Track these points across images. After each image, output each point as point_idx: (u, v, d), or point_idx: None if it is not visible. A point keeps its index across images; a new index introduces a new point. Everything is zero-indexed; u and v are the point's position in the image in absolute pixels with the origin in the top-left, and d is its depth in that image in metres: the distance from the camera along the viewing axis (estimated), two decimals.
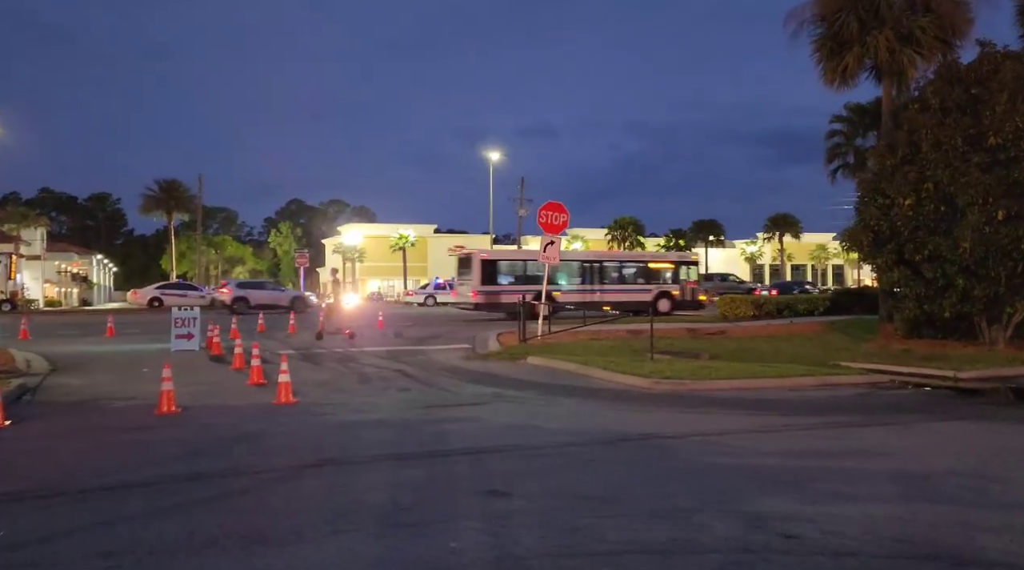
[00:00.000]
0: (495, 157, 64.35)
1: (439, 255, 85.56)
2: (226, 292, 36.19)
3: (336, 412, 9.22)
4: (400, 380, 12.17)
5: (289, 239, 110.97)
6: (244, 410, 9.49)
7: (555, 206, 19.20)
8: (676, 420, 8.43)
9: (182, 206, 60.62)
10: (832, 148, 27.89)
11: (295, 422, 8.56)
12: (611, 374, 12.03)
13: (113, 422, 8.79)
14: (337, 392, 10.92)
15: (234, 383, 11.97)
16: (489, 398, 10.25)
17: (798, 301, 25.64)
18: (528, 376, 12.57)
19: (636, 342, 18.79)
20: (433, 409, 9.37)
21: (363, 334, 21.84)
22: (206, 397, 10.53)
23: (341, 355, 16.32)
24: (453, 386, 11.49)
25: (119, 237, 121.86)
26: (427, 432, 7.83)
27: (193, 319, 17.13)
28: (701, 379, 11.15)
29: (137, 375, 13.12)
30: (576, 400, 10.04)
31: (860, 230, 15.70)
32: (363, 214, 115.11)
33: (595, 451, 6.77)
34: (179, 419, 8.87)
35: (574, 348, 16.79)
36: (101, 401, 10.30)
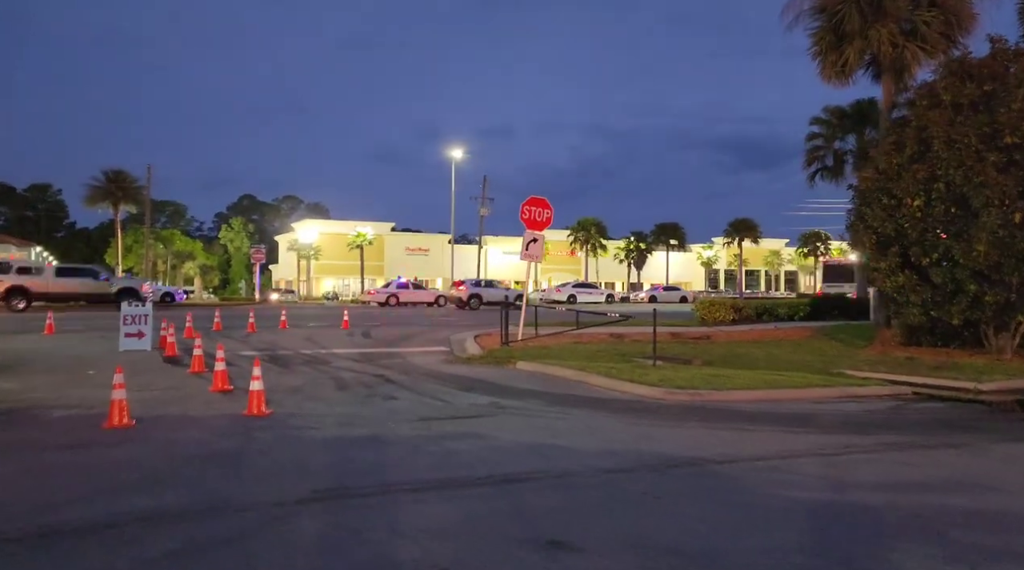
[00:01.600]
0: (458, 155, 63.21)
1: (396, 254, 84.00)
2: (463, 289, 40.83)
3: (318, 426, 7.98)
4: (382, 386, 10.95)
5: (241, 235, 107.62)
6: (210, 423, 8.17)
7: (539, 201, 18.18)
8: (712, 439, 7.43)
9: (129, 197, 57.77)
10: (811, 151, 27.53)
11: (273, 439, 7.31)
12: (614, 381, 11.03)
13: (53, 437, 7.39)
14: (314, 401, 9.66)
15: (195, 389, 10.59)
16: (489, 409, 9.13)
17: (777, 306, 25.11)
18: (522, 383, 11.48)
19: (622, 346, 17.91)
20: (430, 422, 8.21)
21: (329, 335, 20.45)
22: (163, 406, 9.16)
23: (310, 357, 14.98)
24: (444, 394, 10.32)
25: (60, 229, 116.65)
26: (433, 452, 6.67)
27: (144, 316, 15.57)
28: (717, 389, 10.22)
29: (81, 378, 11.61)
30: (586, 412, 8.99)
31: (862, 232, 15.02)
32: (317, 211, 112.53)
33: (645, 480, 5.71)
34: (133, 434, 7.53)
35: (560, 352, 15.77)
36: (38, 410, 8.85)
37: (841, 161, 27.10)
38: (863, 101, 26.25)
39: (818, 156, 27.66)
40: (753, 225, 71.56)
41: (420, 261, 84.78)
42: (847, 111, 26.19)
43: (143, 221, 75.49)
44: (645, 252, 75.14)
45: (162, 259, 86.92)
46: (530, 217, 18.01)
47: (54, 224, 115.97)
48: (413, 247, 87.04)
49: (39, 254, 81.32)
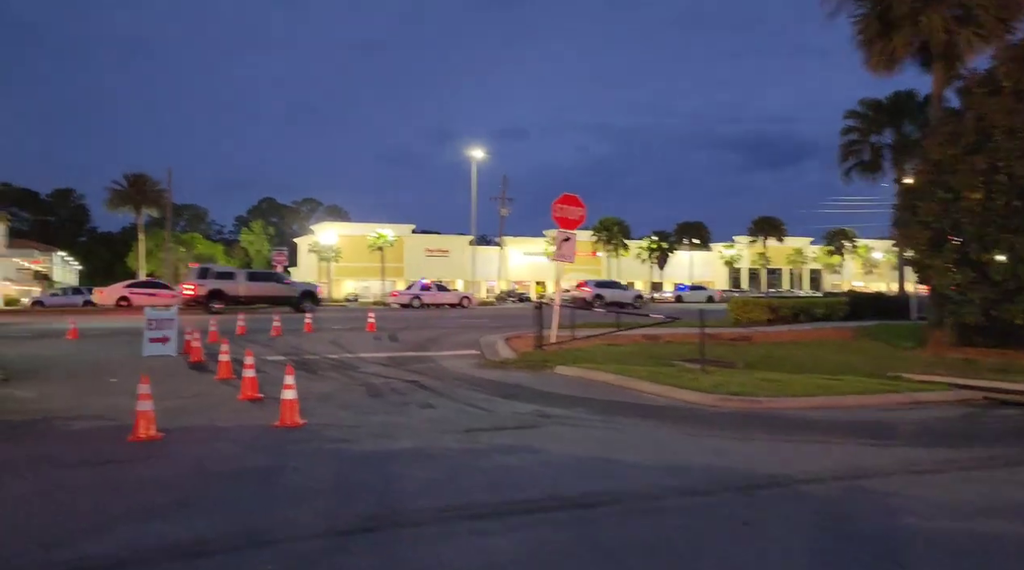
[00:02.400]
0: (479, 155, 62.73)
1: (416, 255, 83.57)
2: (587, 290, 41.17)
3: (355, 438, 7.43)
4: (417, 393, 10.40)
5: (261, 238, 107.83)
6: (241, 435, 7.65)
7: (571, 199, 17.54)
8: (786, 453, 6.79)
9: (150, 201, 57.87)
10: (846, 145, 26.64)
11: (309, 453, 6.76)
12: (662, 387, 10.40)
13: (74, 452, 6.90)
14: (347, 409, 9.12)
15: (222, 397, 10.09)
16: (535, 419, 8.54)
17: (814, 306, 24.31)
18: (564, 389, 10.88)
19: (657, 348, 17.26)
20: (475, 434, 7.63)
21: (355, 338, 19.97)
22: (190, 416, 8.66)
23: (337, 362, 14.47)
24: (483, 401, 9.75)
25: (83, 234, 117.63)
26: (484, 469, 6.09)
27: (169, 320, 15.15)
28: (774, 395, 9.55)
29: (103, 386, 11.17)
30: (639, 421, 8.37)
31: (915, 228, 14.25)
32: (336, 213, 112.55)
33: (729, 504, 5.09)
34: (160, 448, 7.03)
35: (594, 355, 15.15)
36: (59, 421, 8.39)
37: (878, 156, 26.19)
38: (901, 93, 25.39)
39: (854, 151, 26.78)
40: (778, 223, 70.36)
41: (440, 262, 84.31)
42: (884, 104, 25.31)
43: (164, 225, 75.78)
44: (667, 251, 74.15)
45: (183, 262, 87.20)
46: (562, 216, 17.39)
47: (77, 229, 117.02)
48: (433, 248, 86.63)
49: (62, 259, 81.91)
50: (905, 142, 25.74)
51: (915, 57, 16.73)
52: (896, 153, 25.81)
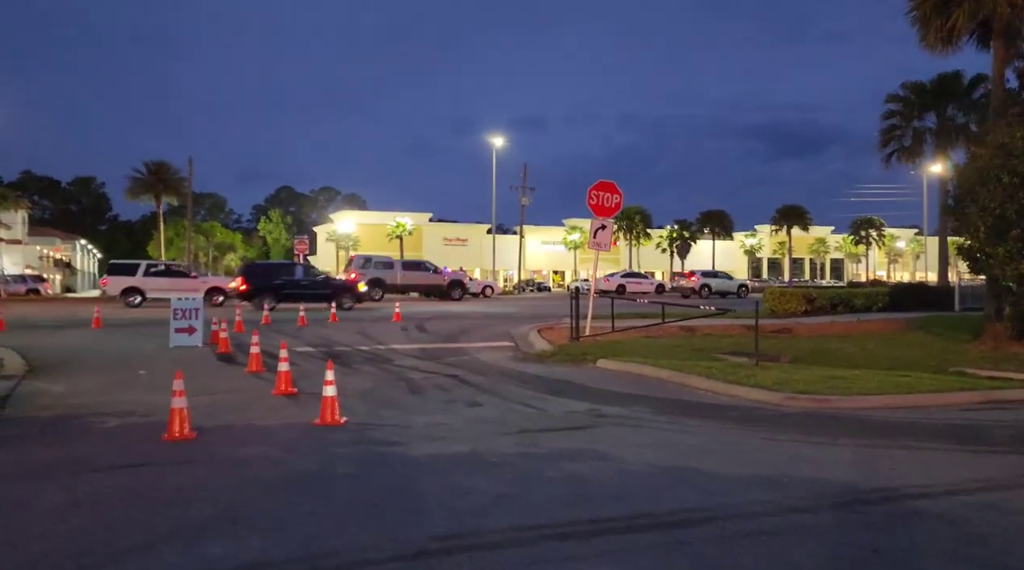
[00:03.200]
0: (499, 143, 61.98)
1: (434, 244, 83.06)
2: (695, 280, 42.06)
3: (403, 439, 6.91)
4: (460, 389, 9.87)
5: (280, 226, 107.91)
6: (280, 435, 7.16)
7: (607, 186, 16.91)
8: (881, 461, 6.19)
9: (171, 189, 57.72)
10: (887, 130, 25.68)
11: (357, 457, 6.25)
12: (717, 383, 9.80)
13: (106, 453, 6.44)
14: (389, 407, 8.61)
15: (255, 392, 9.62)
16: (591, 418, 7.98)
17: (853, 296, 23.52)
18: (612, 385, 10.31)
19: (696, 340, 16.63)
20: (532, 436, 7.09)
21: (383, 329, 19.50)
22: (225, 413, 8.19)
23: (369, 354, 13.98)
24: (531, 399, 9.20)
25: (103, 223, 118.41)
26: (554, 479, 5.55)
27: (195, 310, 14.74)
28: (844, 394, 8.92)
29: (132, 379, 10.75)
30: (704, 422, 7.78)
31: (975, 215, 13.49)
32: (354, 202, 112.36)
33: (845, 525, 4.51)
34: (196, 449, 6.55)
35: (634, 347, 14.57)
36: (89, 418, 7.94)
37: (920, 141, 25.24)
38: (946, 75, 24.34)
39: (895, 136, 25.81)
40: (803, 212, 69.08)
41: (458, 251, 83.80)
42: (927, 87, 24.32)
43: (184, 214, 75.77)
44: (688, 241, 73.14)
45: (203, 251, 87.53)
46: (598, 202, 16.78)
47: (97, 217, 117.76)
48: (451, 237, 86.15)
49: (83, 247, 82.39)
50: (949, 126, 24.79)
51: (972, 35, 15.87)
52: (939, 138, 24.83)
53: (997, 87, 14.96)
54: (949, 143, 24.56)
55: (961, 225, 14.09)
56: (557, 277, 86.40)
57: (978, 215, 13.49)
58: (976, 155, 13.52)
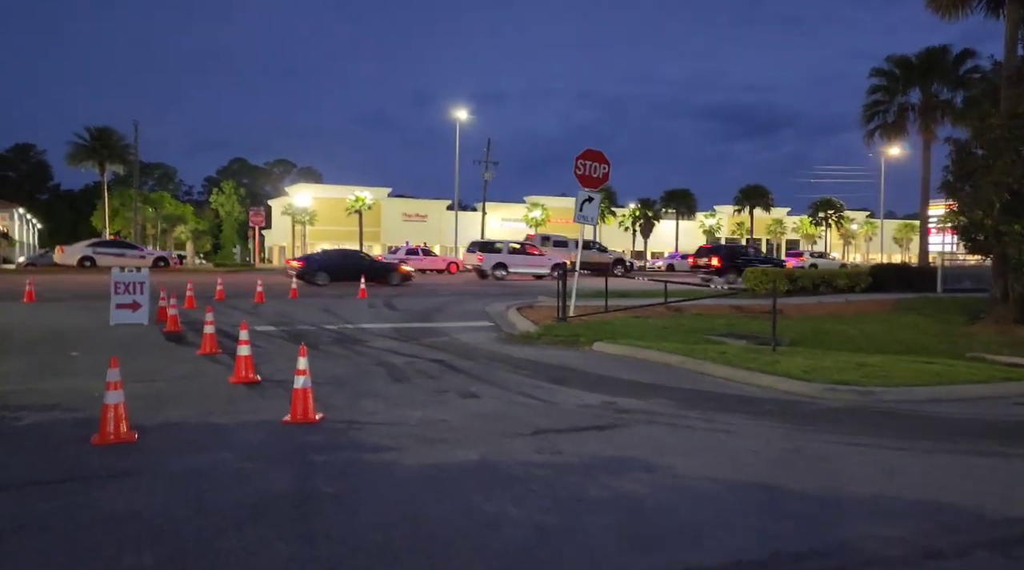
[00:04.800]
0: (462, 116, 60.27)
1: (393, 220, 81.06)
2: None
3: (396, 443, 5.66)
4: (449, 377, 8.63)
5: (232, 199, 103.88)
6: (244, 436, 5.84)
7: (595, 155, 15.71)
8: (984, 474, 5.19)
9: (116, 157, 54.46)
10: (871, 105, 24.96)
11: (341, 468, 4.99)
12: (738, 371, 8.76)
13: (17, 463, 5.05)
14: (372, 398, 7.33)
15: (210, 379, 8.23)
16: (610, 414, 6.84)
17: (835, 276, 22.89)
18: (620, 372, 9.19)
19: (685, 320, 15.66)
20: (548, 437, 5.91)
21: (348, 306, 18.08)
22: (173, 406, 6.81)
23: (338, 334, 12.61)
24: (532, 388, 8.02)
25: (44, 192, 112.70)
26: (601, 502, 4.39)
27: (140, 284, 13.13)
28: (885, 385, 7.95)
29: (62, 361, 9.24)
30: (747, 419, 6.71)
31: (987, 189, 12.69)
32: (310, 175, 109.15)
33: None
34: (135, 456, 5.20)
35: (626, 328, 13.50)
36: (4, 412, 6.49)
37: (903, 117, 24.63)
38: (934, 49, 23.67)
39: (879, 111, 25.12)
40: (765, 192, 69.03)
41: (418, 227, 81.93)
42: (913, 61, 23.63)
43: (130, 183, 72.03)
44: (652, 220, 72.56)
45: (151, 223, 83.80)
46: (585, 173, 15.57)
47: (37, 185, 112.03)
48: (411, 213, 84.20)
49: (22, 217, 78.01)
50: (933, 102, 24.17)
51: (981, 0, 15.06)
52: (923, 114, 24.26)
53: (1010, 54, 14.17)
54: (933, 119, 24.01)
55: (966, 202, 13.30)
56: None
57: (992, 190, 12.68)
58: (988, 126, 12.68)
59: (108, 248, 35.52)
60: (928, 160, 24.27)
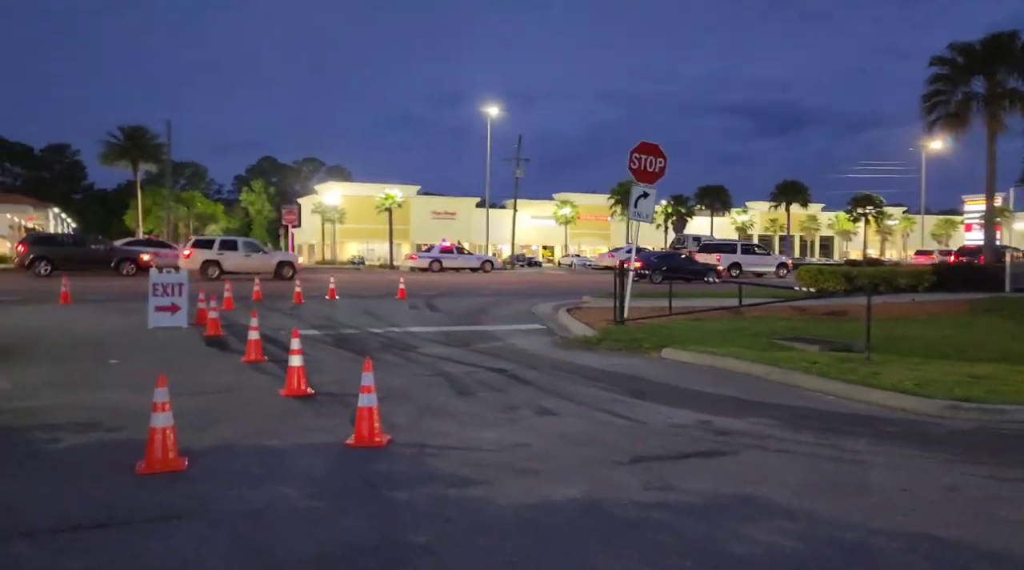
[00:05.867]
0: (493, 113, 59.60)
1: (423, 217, 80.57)
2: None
3: (480, 473, 4.92)
4: (516, 389, 7.88)
5: (262, 198, 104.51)
6: (304, 464, 5.14)
7: (650, 148, 14.86)
8: None
9: (148, 156, 54.76)
10: (931, 95, 23.69)
11: (427, 508, 4.26)
12: (836, 384, 7.88)
13: (50, 498, 4.40)
14: (437, 416, 6.60)
15: (258, 392, 7.56)
16: (712, 436, 6.03)
17: (897, 274, 21.79)
18: (701, 384, 8.37)
19: (746, 323, 14.71)
20: (651, 467, 5.13)
21: (390, 307, 17.44)
22: (222, 424, 6.15)
23: (385, 338, 11.94)
24: (612, 403, 7.24)
25: (78, 191, 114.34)
26: (751, 562, 3.60)
27: (178, 285, 12.58)
28: (1020, 402, 7.02)
29: (100, 370, 8.66)
30: (874, 445, 5.84)
31: None
32: (338, 174, 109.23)
33: None
34: (185, 490, 4.52)
35: (688, 332, 12.65)
36: (36, 432, 5.87)
37: (967, 108, 23.36)
38: (1001, 35, 22.35)
39: (940, 102, 23.84)
40: (802, 188, 67.26)
41: (446, 225, 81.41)
42: (977, 48, 22.35)
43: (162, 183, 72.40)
44: (685, 216, 71.16)
45: (183, 222, 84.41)
46: (639, 167, 14.74)
47: (71, 186, 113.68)
48: (439, 211, 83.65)
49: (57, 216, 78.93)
50: (1000, 91, 22.81)
51: None
52: (989, 104, 22.93)
53: None
54: (1001, 109, 22.67)
55: None
56: (547, 252, 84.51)
57: None
58: None
59: (142, 248, 35.32)
60: (993, 152, 22.98)
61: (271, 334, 11.58)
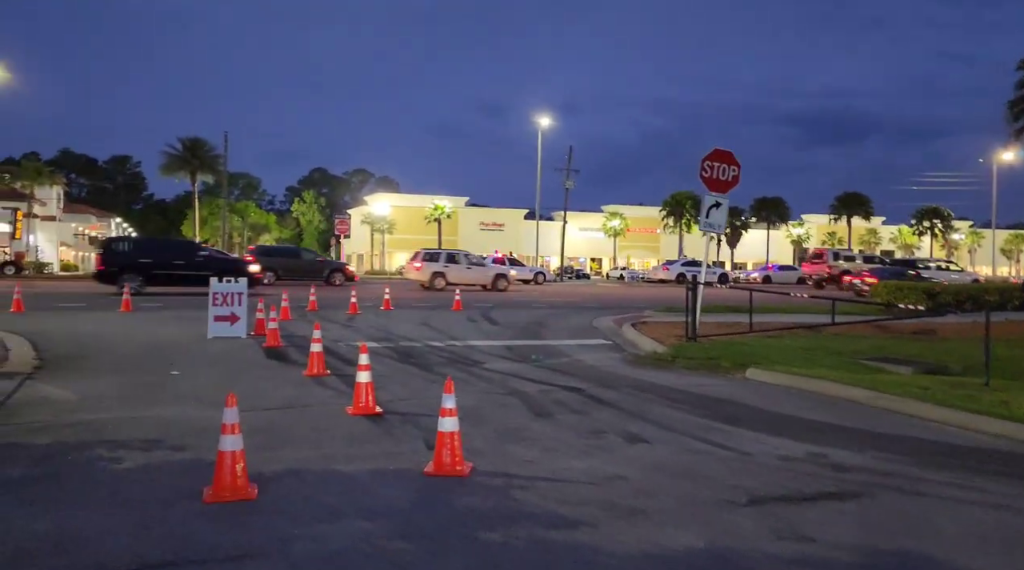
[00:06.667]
0: (544, 123, 59.16)
1: (470, 229, 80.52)
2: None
3: (581, 513, 4.36)
4: (596, 411, 7.30)
5: (313, 208, 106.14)
6: (382, 496, 4.66)
7: (723, 155, 14.14)
8: None
9: (207, 166, 55.89)
10: (1019, 100, 22.38)
11: (527, 554, 3.72)
12: (958, 413, 7.06)
13: (123, 528, 3.99)
14: (518, 441, 6.06)
15: (325, 409, 7.13)
16: (831, 474, 5.35)
17: (984, 291, 20.51)
18: (799, 410, 7.65)
19: (825, 341, 13.82)
20: (774, 510, 4.49)
21: (446, 319, 17.02)
22: (290, 445, 5.72)
23: (446, 352, 11.48)
24: (706, 430, 6.59)
25: (138, 202, 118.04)
26: None
27: (238, 294, 12.35)
28: None
29: (162, 382, 8.37)
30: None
31: None
32: (387, 185, 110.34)
33: None
34: (259, 526, 4.06)
35: (767, 350, 11.88)
36: (98, 449, 5.52)
37: None
38: None
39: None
40: (864, 200, 64.96)
41: (494, 236, 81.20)
42: None
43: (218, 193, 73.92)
44: (740, 228, 69.58)
45: (238, 231, 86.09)
46: (712, 175, 14.02)
47: (132, 196, 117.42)
48: (487, 222, 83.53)
49: (119, 225, 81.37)
50: None
51: None
52: None
53: None
54: None
55: None
56: (595, 265, 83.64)
57: None
58: None
59: None
60: None
61: (330, 346, 11.22)
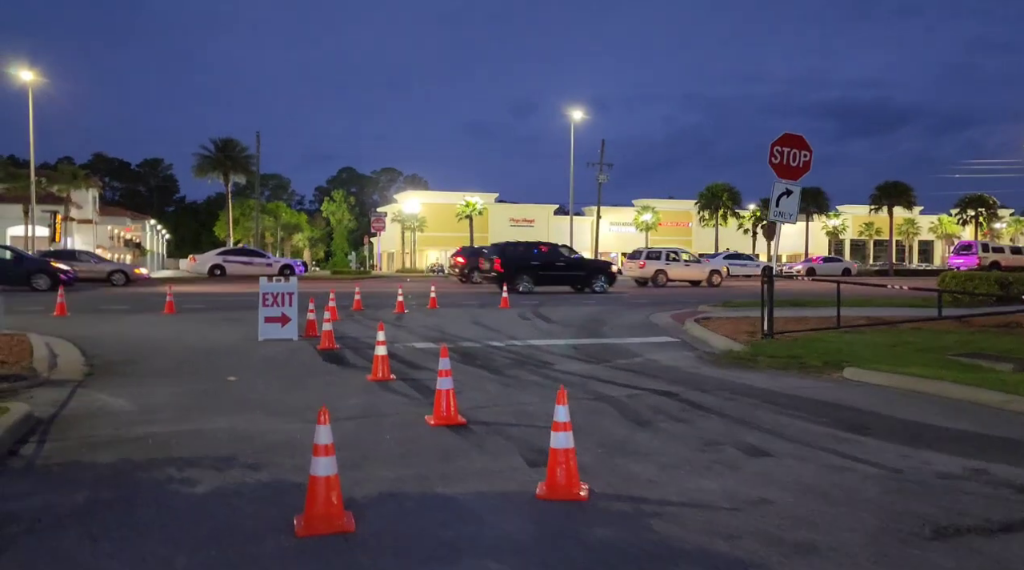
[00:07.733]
0: (577, 116, 58.26)
1: (500, 225, 79.93)
2: None
3: (743, 550, 3.70)
4: (700, 419, 6.60)
5: (343, 207, 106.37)
6: (496, 527, 4.03)
7: (793, 139, 13.34)
8: None
9: (239, 167, 55.99)
10: None
11: None
12: None
13: (201, 566, 3.40)
14: (629, 456, 5.40)
15: (402, 419, 6.53)
16: (1003, 493, 4.61)
17: None
18: (918, 414, 6.89)
19: (906, 336, 12.93)
20: (972, 545, 3.79)
21: (496, 317, 16.41)
22: (375, 463, 5.12)
23: (510, 353, 10.85)
24: (833, 440, 5.87)
25: (171, 204, 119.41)
26: None
27: (288, 294, 11.84)
28: None
29: (220, 388, 7.84)
30: None
31: None
32: (416, 183, 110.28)
33: None
34: (363, 562, 3.45)
35: (851, 347, 11.07)
36: (167, 469, 4.97)
37: None
38: None
39: None
40: (906, 189, 62.84)
41: (524, 233, 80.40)
42: None
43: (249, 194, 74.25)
44: None
45: (270, 232, 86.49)
46: (782, 161, 13.22)
47: (165, 199, 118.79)
48: (518, 218, 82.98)
49: (153, 227, 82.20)
50: None
51: None
52: None
53: None
54: None
55: None
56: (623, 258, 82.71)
57: None
58: None
59: (236, 256, 35.73)
60: None
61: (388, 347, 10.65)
